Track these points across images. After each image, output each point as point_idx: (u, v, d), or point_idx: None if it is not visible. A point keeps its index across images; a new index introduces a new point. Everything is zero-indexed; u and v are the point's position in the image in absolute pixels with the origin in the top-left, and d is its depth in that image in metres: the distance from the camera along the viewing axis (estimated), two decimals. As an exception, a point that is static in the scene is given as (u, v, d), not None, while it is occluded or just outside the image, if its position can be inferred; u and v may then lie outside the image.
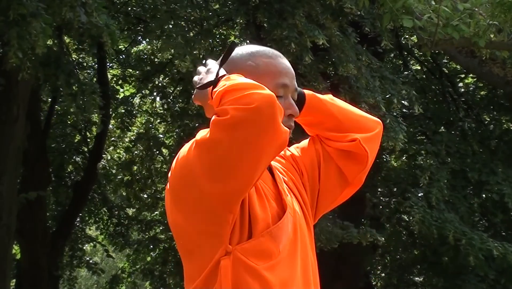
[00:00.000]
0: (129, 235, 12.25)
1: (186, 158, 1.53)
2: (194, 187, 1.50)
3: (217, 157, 1.45)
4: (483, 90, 10.28)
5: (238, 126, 1.41)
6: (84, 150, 11.49)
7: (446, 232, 7.25)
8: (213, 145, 1.45)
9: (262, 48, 1.72)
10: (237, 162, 1.44)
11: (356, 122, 1.82)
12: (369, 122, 1.85)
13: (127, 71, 11.15)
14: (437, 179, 7.76)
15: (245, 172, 1.46)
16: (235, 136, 1.42)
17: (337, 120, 1.80)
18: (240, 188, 1.50)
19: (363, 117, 1.85)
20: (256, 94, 1.43)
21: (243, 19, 6.90)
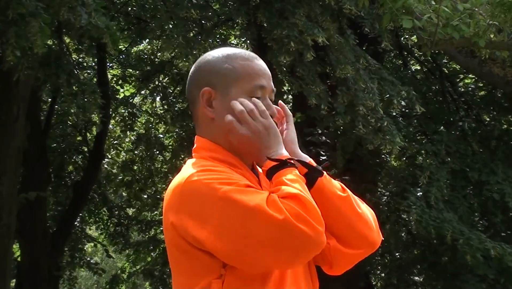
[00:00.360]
0: (129, 235, 12.25)
1: (206, 195, 1.51)
2: (200, 229, 1.50)
3: (244, 230, 1.47)
4: (483, 90, 10.28)
5: (285, 233, 1.45)
6: (84, 150, 11.50)
7: (444, 232, 7.24)
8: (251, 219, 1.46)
9: (238, 50, 1.72)
10: (257, 252, 1.48)
11: (344, 233, 1.67)
12: (360, 240, 1.69)
13: (127, 71, 11.15)
14: (436, 178, 7.76)
15: (264, 263, 1.51)
16: (276, 235, 1.45)
17: (330, 220, 1.64)
18: (244, 266, 1.53)
19: (358, 232, 1.68)
20: (319, 230, 1.47)
21: (243, 18, 6.90)
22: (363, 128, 6.71)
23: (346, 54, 6.68)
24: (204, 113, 1.68)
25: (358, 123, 6.71)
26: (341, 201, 1.67)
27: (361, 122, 6.71)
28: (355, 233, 1.67)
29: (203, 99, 1.67)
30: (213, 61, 1.69)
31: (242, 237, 1.46)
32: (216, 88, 1.66)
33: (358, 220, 1.68)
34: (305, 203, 1.48)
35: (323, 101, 6.73)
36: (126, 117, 11.10)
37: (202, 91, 1.67)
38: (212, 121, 1.67)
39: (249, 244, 1.46)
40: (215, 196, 1.49)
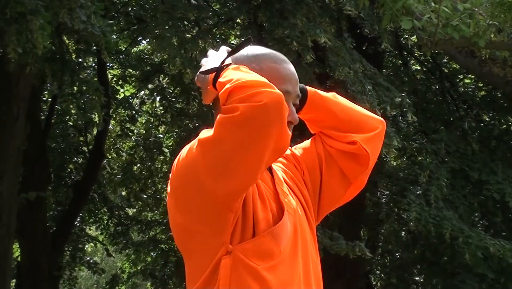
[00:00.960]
0: (129, 235, 12.25)
1: (188, 157, 1.54)
2: (196, 185, 1.51)
3: (221, 154, 1.45)
4: (482, 90, 10.28)
5: (246, 123, 1.42)
6: (84, 150, 11.49)
7: (443, 230, 7.24)
8: (218, 143, 1.45)
9: (268, 51, 1.71)
10: (241, 160, 1.45)
11: (357, 121, 1.80)
12: (371, 122, 1.83)
13: (127, 71, 11.15)
14: (436, 177, 7.76)
15: (247, 170, 1.47)
16: (241, 133, 1.43)
17: (338, 119, 1.80)
18: (242, 186, 1.50)
19: (365, 116, 1.84)
20: (266, 92, 1.43)
21: (244, 18, 6.90)
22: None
23: (344, 55, 6.68)
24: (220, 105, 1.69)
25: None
26: (335, 97, 1.82)
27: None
28: (366, 116, 1.83)
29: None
30: (243, 58, 1.67)
31: (222, 157, 1.46)
32: None
33: (357, 107, 1.85)
34: (237, 86, 1.46)
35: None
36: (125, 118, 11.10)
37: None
38: None
39: (229, 155, 1.45)
40: (192, 150, 1.54)
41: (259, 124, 1.42)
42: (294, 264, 1.60)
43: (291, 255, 1.59)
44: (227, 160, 1.45)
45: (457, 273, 8.23)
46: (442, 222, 7.30)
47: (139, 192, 11.40)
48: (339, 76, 6.62)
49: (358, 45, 7.45)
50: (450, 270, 8.56)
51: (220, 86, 1.51)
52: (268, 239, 1.56)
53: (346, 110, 1.82)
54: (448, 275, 8.62)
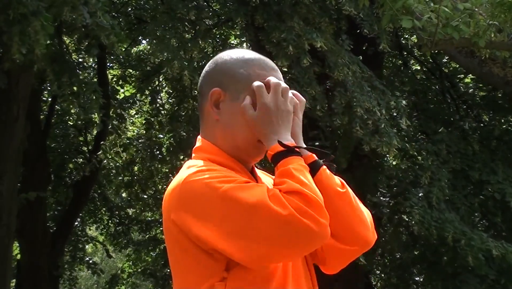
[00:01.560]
0: (129, 235, 12.25)
1: (208, 197, 1.50)
2: (203, 230, 1.50)
3: (249, 228, 1.46)
4: (483, 90, 10.28)
5: (290, 229, 1.45)
6: (84, 150, 11.49)
7: (445, 233, 7.24)
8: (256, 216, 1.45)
9: (257, 57, 1.70)
10: (263, 247, 1.47)
11: (339, 230, 1.67)
12: (355, 237, 1.70)
13: (127, 71, 11.15)
14: (438, 178, 7.76)
15: (261, 256, 1.49)
16: (282, 232, 1.45)
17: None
18: (247, 263, 1.52)
19: (354, 230, 1.69)
20: (324, 226, 1.48)
21: (242, 20, 6.90)
22: (360, 129, 6.72)
23: (343, 56, 6.68)
24: (209, 112, 1.67)
25: (355, 125, 6.71)
26: (339, 196, 1.66)
27: (358, 124, 6.71)
28: (350, 229, 1.67)
29: (211, 99, 1.66)
30: (230, 63, 1.67)
31: (245, 234, 1.45)
32: (226, 90, 1.65)
33: (355, 217, 1.68)
34: (309, 196, 1.47)
35: (319, 103, 6.73)
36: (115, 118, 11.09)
37: (212, 91, 1.66)
38: (216, 123, 1.66)
39: (253, 240, 1.45)
40: (216, 195, 1.48)
41: (296, 239, 1.46)
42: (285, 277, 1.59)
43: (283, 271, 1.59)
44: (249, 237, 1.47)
45: (458, 273, 8.23)
46: (444, 224, 7.30)
47: (140, 192, 11.41)
48: (338, 76, 6.62)
49: (357, 45, 7.44)
50: (450, 270, 8.56)
51: (287, 173, 1.53)
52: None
53: (340, 213, 1.66)
54: (448, 276, 8.61)
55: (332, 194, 1.65)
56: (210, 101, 1.66)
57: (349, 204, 1.67)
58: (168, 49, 6.55)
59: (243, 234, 1.46)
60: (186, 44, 6.70)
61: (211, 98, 1.66)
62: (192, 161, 1.66)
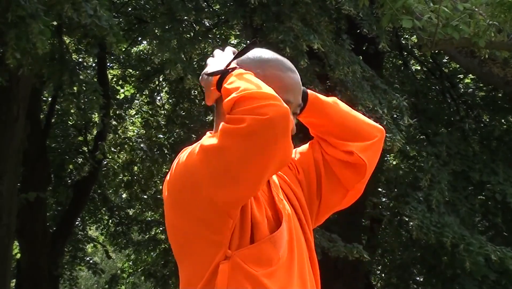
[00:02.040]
0: (129, 235, 12.25)
1: (189, 162, 1.53)
2: (196, 191, 1.50)
3: (224, 163, 1.45)
4: (483, 90, 10.28)
5: (252, 136, 1.42)
6: (84, 150, 11.49)
7: (444, 239, 7.24)
8: (222, 152, 1.45)
9: (275, 57, 1.69)
10: (244, 170, 1.45)
11: (355, 129, 1.78)
12: (370, 130, 1.81)
13: (127, 71, 11.15)
14: (438, 180, 7.75)
15: (250, 180, 1.48)
16: (246, 145, 1.43)
17: (336, 126, 1.78)
18: (243, 196, 1.51)
19: (364, 124, 1.81)
20: (272, 105, 1.43)
21: (240, 21, 6.90)
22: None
23: (343, 56, 6.68)
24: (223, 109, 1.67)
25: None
26: (335, 103, 1.79)
27: (360, 122, 6.70)
28: (365, 123, 1.80)
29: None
30: (248, 61, 1.66)
31: (225, 166, 1.45)
32: None
33: (357, 114, 1.82)
34: (243, 96, 1.46)
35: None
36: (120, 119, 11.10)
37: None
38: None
39: (233, 166, 1.45)
40: (195, 156, 1.52)
41: (264, 138, 1.42)
42: (290, 269, 1.60)
43: (288, 261, 1.59)
44: (230, 170, 1.45)
45: (458, 275, 8.22)
46: (443, 229, 7.30)
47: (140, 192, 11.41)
48: (338, 75, 6.62)
49: (357, 45, 7.44)
50: (450, 273, 8.55)
51: (225, 92, 1.51)
52: (267, 246, 1.55)
53: (344, 117, 1.79)
54: (448, 279, 8.61)
55: (328, 106, 1.78)
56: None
57: (345, 106, 1.82)
58: (169, 50, 6.55)
59: (223, 168, 1.46)
60: (186, 45, 6.69)
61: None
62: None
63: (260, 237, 1.56)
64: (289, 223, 1.65)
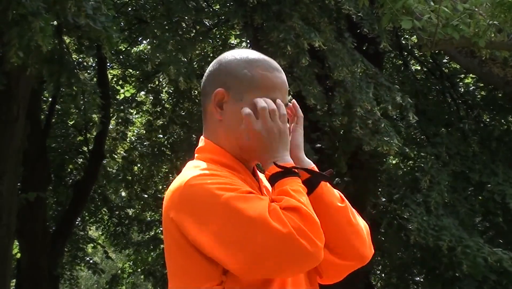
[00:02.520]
0: (129, 235, 12.25)
1: (209, 202, 1.50)
2: (204, 231, 1.50)
3: (259, 250, 1.46)
4: (483, 90, 10.27)
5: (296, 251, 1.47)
6: (84, 150, 11.50)
7: (441, 242, 7.25)
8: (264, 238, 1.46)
9: (261, 57, 1.69)
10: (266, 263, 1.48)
11: (337, 246, 1.67)
12: (352, 253, 1.69)
13: (127, 71, 11.15)
14: (437, 181, 7.75)
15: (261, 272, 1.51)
16: (285, 252, 1.46)
17: (323, 228, 1.62)
18: (240, 274, 1.52)
19: (351, 245, 1.68)
20: (319, 246, 1.49)
21: (240, 21, 6.90)
22: (360, 129, 6.72)
23: (343, 56, 6.68)
24: (212, 112, 1.67)
25: (355, 124, 6.71)
26: (338, 211, 1.65)
27: (358, 124, 6.71)
28: (348, 245, 1.66)
29: (215, 100, 1.65)
30: (234, 63, 1.66)
31: (242, 246, 1.46)
32: (230, 91, 1.64)
33: (352, 232, 1.67)
34: (307, 216, 1.48)
35: (319, 103, 6.74)
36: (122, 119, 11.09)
37: (216, 91, 1.65)
38: (219, 123, 1.66)
39: (250, 253, 1.45)
40: (216, 203, 1.48)
41: (295, 258, 1.47)
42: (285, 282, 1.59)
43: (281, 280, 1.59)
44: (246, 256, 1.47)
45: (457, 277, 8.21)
46: (441, 231, 7.32)
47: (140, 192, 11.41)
48: (338, 77, 6.62)
49: (358, 45, 7.44)
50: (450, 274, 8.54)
51: (285, 192, 1.54)
52: None
53: (338, 228, 1.66)
54: (448, 280, 8.61)
55: (332, 209, 1.64)
56: (213, 102, 1.65)
57: (347, 219, 1.67)
58: (165, 53, 6.55)
59: (240, 246, 1.46)
60: (185, 47, 6.69)
61: (215, 99, 1.65)
62: (195, 161, 1.65)
63: None
64: None
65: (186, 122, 9.66)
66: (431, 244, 7.37)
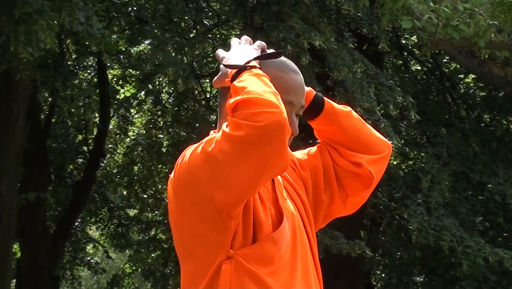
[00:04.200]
0: (129, 235, 12.24)
1: (191, 162, 1.54)
2: (198, 191, 1.52)
3: (220, 166, 1.47)
4: (483, 90, 10.27)
5: (249, 145, 1.43)
6: (84, 150, 11.49)
7: (442, 242, 7.25)
8: (221, 156, 1.46)
9: (279, 59, 1.70)
10: (242, 174, 1.46)
11: (366, 142, 1.83)
12: (379, 144, 1.85)
13: (127, 71, 11.14)
14: (438, 181, 7.75)
15: (245, 185, 1.49)
16: (244, 152, 1.44)
17: (348, 137, 1.82)
18: (239, 198, 1.52)
19: (374, 138, 1.85)
20: (270, 113, 1.43)
21: (240, 21, 6.90)
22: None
23: (343, 56, 6.68)
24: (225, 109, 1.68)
25: (355, 124, 6.70)
26: (349, 115, 1.83)
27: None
28: (376, 137, 1.84)
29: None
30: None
31: (222, 170, 1.47)
32: None
33: (368, 126, 1.86)
34: (245, 100, 1.46)
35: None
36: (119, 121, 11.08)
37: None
38: None
39: (229, 170, 1.46)
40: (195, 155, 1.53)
41: (259, 146, 1.43)
42: (293, 268, 1.60)
43: (291, 260, 1.60)
44: (229, 173, 1.47)
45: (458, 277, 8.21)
46: (442, 232, 7.32)
47: (140, 192, 11.40)
48: (338, 76, 6.62)
49: (358, 45, 7.44)
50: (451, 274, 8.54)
51: (234, 90, 1.52)
52: (269, 245, 1.56)
53: (357, 129, 1.83)
54: (448, 280, 8.60)
55: (345, 116, 1.81)
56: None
57: (358, 118, 1.85)
58: (164, 54, 6.55)
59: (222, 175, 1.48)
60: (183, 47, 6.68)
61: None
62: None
63: (263, 236, 1.56)
64: (292, 221, 1.65)
65: (189, 122, 9.65)
66: (432, 243, 7.37)
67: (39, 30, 4.84)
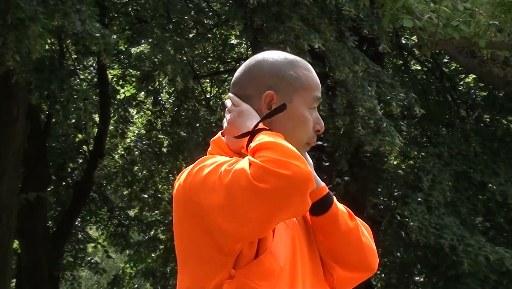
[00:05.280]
0: (129, 235, 12.24)
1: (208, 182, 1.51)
2: (209, 212, 1.50)
3: (243, 203, 1.45)
4: (484, 90, 10.27)
5: (273, 192, 1.42)
6: (84, 149, 11.49)
7: (443, 241, 7.25)
8: (237, 190, 1.44)
9: (296, 58, 1.72)
10: (261, 215, 1.45)
11: (349, 259, 1.72)
12: (364, 262, 1.75)
13: (127, 71, 11.14)
14: (439, 181, 7.75)
15: (264, 225, 1.48)
16: (266, 196, 1.42)
17: (333, 248, 1.71)
18: (247, 236, 1.51)
19: (362, 253, 1.74)
20: (296, 166, 1.43)
21: (240, 22, 6.90)
22: (362, 129, 6.72)
23: (344, 56, 6.68)
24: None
25: (357, 124, 6.71)
26: (351, 231, 1.70)
27: (360, 123, 6.71)
28: (359, 260, 1.73)
29: (265, 102, 1.65)
30: (278, 65, 1.67)
31: (235, 204, 1.45)
32: (278, 93, 1.65)
33: (363, 248, 1.73)
34: (271, 143, 1.46)
35: (320, 103, 6.73)
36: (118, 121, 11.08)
37: (266, 94, 1.65)
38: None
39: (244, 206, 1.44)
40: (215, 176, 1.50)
41: (285, 196, 1.43)
42: (294, 278, 1.59)
43: (291, 270, 1.59)
44: (247, 211, 1.44)
45: (459, 276, 8.21)
46: (443, 230, 7.32)
47: (139, 192, 11.40)
48: (339, 76, 6.62)
49: (358, 46, 7.44)
50: (452, 273, 8.54)
51: (252, 149, 1.51)
52: (268, 258, 1.55)
53: (352, 247, 1.71)
54: (449, 279, 8.60)
55: (345, 229, 1.69)
56: (263, 104, 1.65)
57: (359, 237, 1.72)
58: (163, 53, 6.55)
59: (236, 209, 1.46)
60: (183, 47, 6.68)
61: (265, 101, 1.65)
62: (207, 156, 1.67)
63: (264, 249, 1.55)
64: (292, 230, 1.64)
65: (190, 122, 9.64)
66: (432, 242, 7.37)
67: (31, 37, 4.81)
